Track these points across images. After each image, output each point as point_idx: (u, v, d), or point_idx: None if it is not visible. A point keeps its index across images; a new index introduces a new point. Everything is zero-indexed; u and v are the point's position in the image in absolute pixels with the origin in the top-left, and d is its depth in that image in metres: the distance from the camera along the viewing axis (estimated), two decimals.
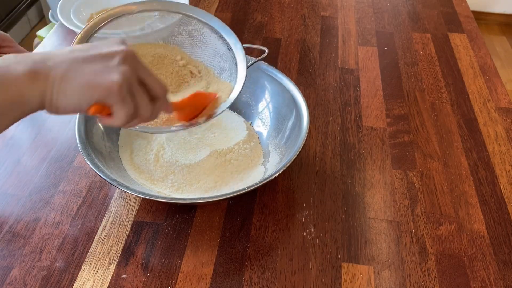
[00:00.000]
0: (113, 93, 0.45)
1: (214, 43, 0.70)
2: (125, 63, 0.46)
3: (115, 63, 0.45)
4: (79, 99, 0.45)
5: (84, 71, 0.44)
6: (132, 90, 0.46)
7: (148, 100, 0.48)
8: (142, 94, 0.48)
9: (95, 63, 0.45)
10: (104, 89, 0.44)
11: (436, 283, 0.62)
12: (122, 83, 0.45)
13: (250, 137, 0.77)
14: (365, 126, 0.84)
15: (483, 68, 0.99)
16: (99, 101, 0.45)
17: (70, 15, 0.98)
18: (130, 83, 0.46)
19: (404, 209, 0.70)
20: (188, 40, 0.72)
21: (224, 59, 0.70)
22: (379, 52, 1.03)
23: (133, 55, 0.47)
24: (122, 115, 0.47)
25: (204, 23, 0.70)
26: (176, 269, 0.62)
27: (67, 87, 0.44)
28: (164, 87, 0.50)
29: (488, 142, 0.82)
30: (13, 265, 0.62)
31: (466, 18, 1.16)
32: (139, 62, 0.48)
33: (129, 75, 0.46)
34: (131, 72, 0.46)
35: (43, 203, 0.69)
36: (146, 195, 0.62)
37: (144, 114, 0.48)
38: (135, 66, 0.47)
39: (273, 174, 0.63)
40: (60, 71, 0.44)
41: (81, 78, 0.44)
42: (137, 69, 0.47)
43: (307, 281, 0.61)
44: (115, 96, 0.45)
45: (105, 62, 0.45)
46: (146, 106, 0.48)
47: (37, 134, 0.80)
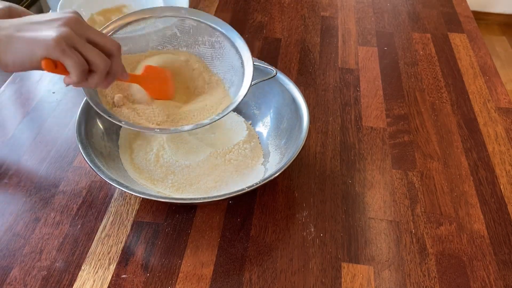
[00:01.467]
0: (51, 46, 0.49)
1: (231, 57, 0.71)
2: (65, 25, 0.51)
3: (57, 24, 0.51)
4: (22, 54, 0.51)
5: (28, 31, 0.51)
6: (75, 45, 0.51)
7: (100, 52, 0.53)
8: (89, 47, 0.52)
9: (39, 25, 0.51)
10: (43, 44, 0.50)
11: (436, 283, 0.62)
12: (58, 38, 0.49)
13: (250, 137, 0.77)
14: (365, 126, 0.84)
15: (483, 68, 0.99)
16: (43, 56, 0.50)
17: None
18: (69, 38, 0.50)
19: (404, 209, 0.70)
20: (209, 50, 0.73)
21: (236, 74, 0.71)
22: (379, 52, 1.03)
23: (78, 19, 0.52)
24: (73, 68, 0.51)
25: (226, 36, 0.71)
26: (176, 269, 0.62)
27: (12, 45, 0.50)
28: (115, 43, 0.55)
29: (488, 142, 0.82)
30: (13, 265, 0.62)
31: (466, 18, 1.16)
32: (85, 24, 0.53)
33: (67, 32, 0.50)
34: (71, 31, 0.51)
35: (43, 203, 0.69)
36: (146, 195, 0.62)
37: (99, 66, 0.52)
38: (79, 27, 0.52)
39: (273, 174, 0.63)
40: (6, 32, 0.50)
41: (23, 37, 0.50)
42: (82, 30, 0.52)
43: (307, 281, 0.61)
44: (54, 49, 0.50)
45: (48, 25, 0.51)
46: (97, 58, 0.52)
47: (37, 134, 0.80)
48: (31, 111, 0.85)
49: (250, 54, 0.70)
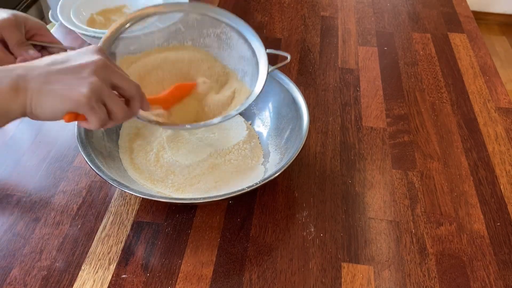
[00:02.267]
0: (82, 104, 0.49)
1: (240, 48, 0.71)
2: (94, 74, 0.50)
3: (85, 74, 0.50)
4: (52, 110, 0.50)
5: (57, 84, 0.49)
6: (102, 98, 0.51)
7: (121, 103, 0.54)
8: (114, 100, 0.52)
9: (67, 76, 0.50)
10: (73, 101, 0.49)
11: (436, 283, 0.62)
12: (89, 95, 0.49)
13: (250, 137, 0.77)
14: (365, 126, 0.84)
15: (483, 68, 0.99)
16: (71, 111, 0.50)
17: (70, 15, 0.98)
18: (99, 92, 0.50)
19: (404, 209, 0.70)
20: (216, 42, 0.73)
21: (248, 64, 0.71)
22: (379, 52, 1.03)
23: (104, 63, 0.52)
24: (95, 121, 0.51)
25: (232, 26, 0.71)
26: (176, 269, 0.62)
27: (41, 100, 0.49)
28: (136, 87, 0.55)
29: (488, 142, 0.82)
30: (13, 265, 0.62)
31: (466, 18, 1.16)
32: (111, 68, 0.53)
33: (97, 85, 0.50)
34: (101, 81, 0.51)
35: (43, 203, 0.69)
36: (146, 195, 0.62)
37: (118, 117, 0.54)
38: (106, 74, 0.52)
39: (273, 174, 0.63)
40: (37, 86, 0.49)
41: (54, 91, 0.49)
42: (108, 76, 0.52)
43: (307, 281, 0.61)
44: (84, 106, 0.50)
45: (76, 74, 0.50)
46: (119, 110, 0.53)
47: (37, 134, 0.80)
48: None
49: (261, 41, 0.69)
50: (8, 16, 0.63)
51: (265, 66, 0.68)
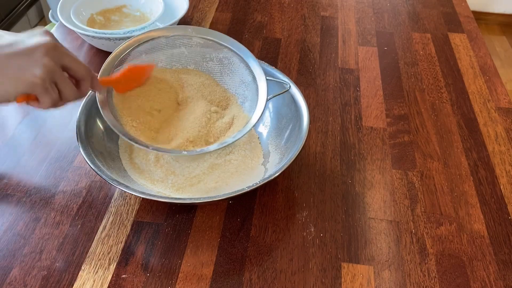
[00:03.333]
0: (36, 85, 0.50)
1: (241, 73, 0.73)
2: (47, 55, 0.51)
3: (37, 56, 0.50)
4: (5, 91, 0.50)
5: (8, 67, 0.50)
6: (55, 79, 0.52)
7: (72, 85, 0.55)
8: (65, 80, 0.54)
9: (18, 58, 0.50)
10: (28, 83, 0.50)
11: (436, 283, 0.62)
12: (44, 76, 0.50)
13: (250, 137, 0.77)
14: (365, 126, 0.84)
15: (483, 68, 0.99)
16: (25, 93, 0.50)
17: (70, 15, 0.98)
18: (52, 74, 0.51)
19: (404, 209, 0.70)
20: (218, 67, 0.75)
21: (248, 89, 0.72)
22: (379, 52, 1.03)
23: (55, 45, 0.52)
24: (47, 101, 0.52)
25: (234, 52, 0.72)
26: (176, 269, 0.62)
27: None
28: (87, 69, 0.56)
29: (488, 142, 0.82)
30: (13, 265, 0.62)
31: (466, 18, 1.16)
32: (61, 50, 0.53)
33: (51, 66, 0.51)
34: (53, 63, 0.51)
35: (43, 203, 0.69)
36: (146, 195, 0.62)
37: (68, 97, 0.55)
38: (57, 56, 0.52)
39: (273, 174, 0.63)
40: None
41: (6, 75, 0.49)
42: (59, 57, 0.52)
43: (307, 281, 0.61)
44: (38, 88, 0.50)
45: (28, 56, 0.50)
46: (69, 91, 0.54)
47: (37, 134, 0.80)
48: (31, 111, 0.85)
49: (261, 68, 0.71)
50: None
51: (265, 93, 0.69)
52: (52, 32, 0.55)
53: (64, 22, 0.96)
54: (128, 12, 1.07)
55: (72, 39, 1.04)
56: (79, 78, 0.56)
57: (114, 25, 1.05)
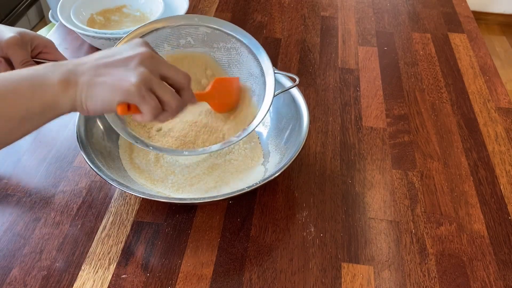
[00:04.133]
0: (132, 93, 0.49)
1: (249, 64, 0.71)
2: (142, 64, 0.50)
3: (133, 65, 0.50)
4: (103, 101, 0.50)
5: (106, 76, 0.50)
6: (152, 87, 0.51)
7: (173, 91, 0.53)
8: (164, 88, 0.52)
9: (116, 68, 0.50)
10: (124, 91, 0.49)
11: (436, 283, 0.62)
12: (139, 84, 0.49)
13: (250, 137, 0.77)
14: (365, 126, 0.84)
15: (483, 68, 0.99)
16: (122, 101, 0.50)
17: (70, 15, 0.98)
18: (148, 81, 0.50)
19: (404, 209, 0.70)
20: (225, 57, 0.73)
21: (256, 82, 0.70)
22: (379, 52, 1.03)
23: (151, 54, 0.52)
24: (148, 111, 0.51)
25: (242, 42, 0.70)
26: (176, 269, 0.62)
27: (92, 92, 0.50)
28: (186, 76, 0.54)
29: (488, 142, 0.82)
30: (13, 265, 0.62)
31: (466, 18, 1.16)
32: (158, 59, 0.52)
33: (146, 74, 0.50)
34: (149, 71, 0.50)
35: (43, 203, 0.69)
36: (146, 195, 0.62)
37: (171, 106, 0.52)
38: (153, 65, 0.51)
39: (273, 174, 0.63)
40: (87, 79, 0.49)
41: (104, 83, 0.49)
42: (156, 66, 0.52)
43: (307, 281, 0.61)
44: (134, 96, 0.49)
45: (124, 66, 0.50)
46: (171, 99, 0.52)
47: (37, 134, 0.80)
48: None
49: (270, 62, 0.69)
50: (14, 35, 0.63)
51: (272, 88, 0.67)
52: (54, 32, 0.54)
53: (64, 22, 0.96)
54: (128, 12, 1.07)
55: (72, 39, 1.04)
56: (179, 87, 0.54)
57: (114, 25, 1.05)
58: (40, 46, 0.67)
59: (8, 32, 0.64)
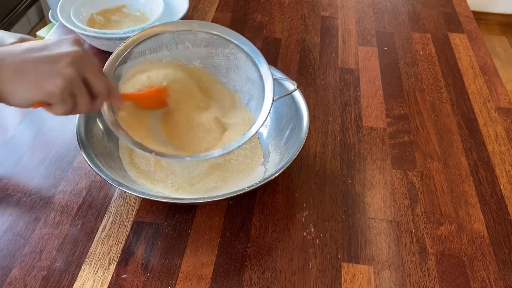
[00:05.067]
0: (55, 96, 0.50)
1: (247, 69, 0.71)
2: (70, 66, 0.50)
3: (61, 65, 0.50)
4: (23, 98, 0.50)
5: (31, 73, 0.49)
6: (74, 91, 0.51)
7: (89, 99, 0.54)
8: (83, 94, 0.53)
9: (43, 65, 0.49)
10: (47, 92, 0.49)
11: (436, 283, 0.62)
12: (63, 87, 0.50)
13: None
14: (365, 126, 0.84)
15: (483, 68, 0.99)
16: (42, 101, 0.50)
17: (70, 15, 0.98)
18: (72, 85, 0.51)
19: (404, 209, 0.70)
20: (224, 62, 0.73)
21: (254, 87, 0.70)
22: (379, 52, 1.03)
23: (81, 56, 0.52)
24: (60, 111, 0.53)
25: (240, 48, 0.70)
26: (176, 269, 0.62)
27: (15, 87, 0.49)
28: (106, 86, 0.56)
29: (488, 142, 0.82)
30: (13, 265, 0.62)
31: (466, 18, 1.16)
32: (86, 62, 0.53)
33: (72, 78, 0.50)
34: (75, 74, 0.51)
35: (43, 203, 0.69)
36: (146, 195, 0.62)
37: (81, 109, 0.55)
38: (80, 67, 0.52)
39: (273, 174, 0.63)
40: (11, 71, 0.49)
41: (28, 80, 0.49)
42: (83, 69, 0.52)
43: (307, 281, 0.61)
44: (56, 98, 0.50)
45: (52, 65, 0.50)
46: (84, 104, 0.54)
47: (37, 134, 0.80)
48: (31, 111, 0.85)
49: (268, 66, 0.69)
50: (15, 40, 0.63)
51: (271, 93, 0.67)
52: (54, 32, 0.54)
53: (64, 22, 0.96)
54: (128, 12, 1.07)
55: None
56: (96, 94, 0.56)
57: (114, 25, 1.05)
58: None
59: (9, 38, 0.64)
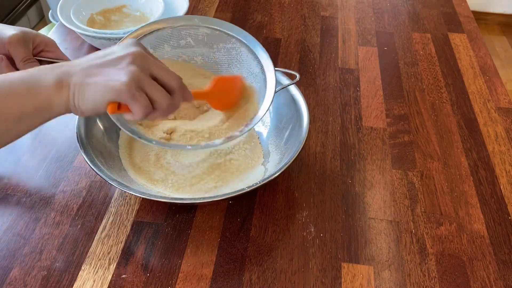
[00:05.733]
0: (123, 92, 0.49)
1: (249, 63, 0.71)
2: (133, 63, 0.51)
3: (124, 64, 0.50)
4: (94, 101, 0.50)
5: (97, 76, 0.50)
6: (143, 87, 0.51)
7: (163, 91, 0.53)
8: (155, 88, 0.52)
9: (107, 68, 0.50)
10: (114, 90, 0.49)
11: (436, 283, 0.62)
12: (129, 82, 0.49)
13: (250, 137, 0.77)
14: (365, 126, 0.84)
15: (483, 68, 0.99)
16: (112, 100, 0.50)
17: (70, 15, 0.98)
18: (139, 80, 0.50)
19: (404, 209, 0.70)
20: (226, 57, 0.73)
21: (257, 80, 0.70)
22: (379, 52, 1.03)
23: (142, 54, 0.52)
24: (138, 110, 0.51)
25: (242, 42, 0.71)
26: (176, 269, 0.62)
27: (84, 93, 0.50)
28: (177, 78, 0.54)
29: (488, 142, 0.82)
30: (13, 265, 0.62)
31: (466, 18, 1.16)
32: (149, 59, 0.52)
33: (136, 74, 0.50)
34: (139, 70, 0.50)
35: (43, 203, 0.69)
36: (146, 195, 0.62)
37: (162, 105, 0.53)
38: (144, 64, 0.52)
39: (273, 174, 0.63)
40: (79, 80, 0.50)
41: (95, 83, 0.50)
42: (147, 66, 0.52)
43: (307, 281, 0.61)
44: (124, 94, 0.49)
45: (115, 65, 0.51)
46: (162, 98, 0.52)
47: (37, 134, 0.80)
48: None
49: (270, 59, 0.69)
50: (16, 32, 0.64)
51: (273, 84, 0.67)
52: (54, 32, 0.54)
53: (64, 22, 0.96)
54: (128, 12, 1.07)
55: (72, 39, 1.04)
56: (169, 89, 0.54)
57: (114, 25, 1.05)
58: (41, 44, 0.67)
59: (10, 30, 0.64)
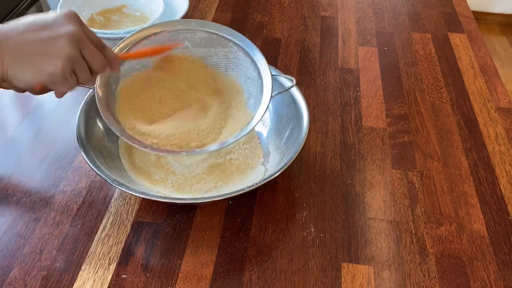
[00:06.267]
0: (56, 76, 0.51)
1: (246, 68, 0.71)
2: (69, 45, 0.51)
3: (61, 45, 0.51)
4: (26, 81, 0.51)
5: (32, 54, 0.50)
6: (74, 70, 0.53)
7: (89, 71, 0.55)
8: (84, 71, 0.54)
9: (42, 46, 0.51)
10: (49, 75, 0.51)
11: (436, 283, 0.62)
12: (65, 67, 0.51)
13: (250, 137, 0.77)
14: (365, 126, 0.84)
15: (483, 68, 0.99)
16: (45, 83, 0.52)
17: None
18: (72, 65, 0.52)
19: (404, 209, 0.70)
20: (223, 61, 0.73)
21: (254, 85, 0.71)
22: (379, 52, 1.03)
23: (78, 35, 0.53)
24: (63, 90, 0.54)
25: (239, 46, 0.71)
26: (176, 269, 0.62)
27: (17, 70, 0.51)
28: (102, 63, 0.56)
29: (488, 142, 0.82)
30: (13, 265, 0.62)
31: (466, 18, 1.16)
32: (84, 41, 0.54)
33: (72, 57, 0.52)
34: (74, 54, 0.52)
35: (43, 203, 0.69)
36: (146, 195, 0.62)
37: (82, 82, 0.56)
38: (79, 45, 0.53)
39: (273, 174, 0.63)
40: (12, 55, 0.50)
41: (29, 63, 0.50)
42: (81, 47, 0.53)
43: (307, 281, 0.61)
44: (58, 79, 0.51)
45: (52, 45, 0.51)
46: (85, 76, 0.55)
47: (37, 134, 0.80)
48: (31, 111, 0.85)
49: (267, 64, 0.69)
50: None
51: (269, 90, 0.68)
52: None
53: None
54: (128, 12, 1.07)
55: None
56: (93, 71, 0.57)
57: (114, 25, 1.05)
58: None
59: None
